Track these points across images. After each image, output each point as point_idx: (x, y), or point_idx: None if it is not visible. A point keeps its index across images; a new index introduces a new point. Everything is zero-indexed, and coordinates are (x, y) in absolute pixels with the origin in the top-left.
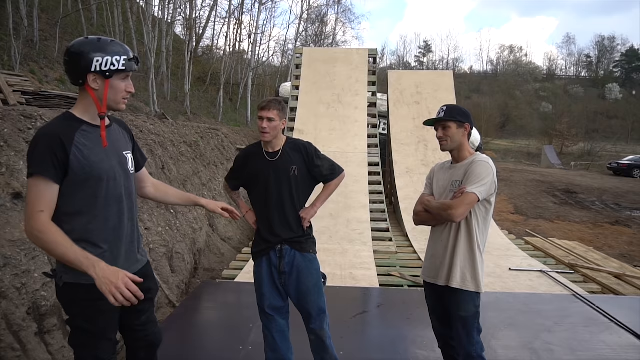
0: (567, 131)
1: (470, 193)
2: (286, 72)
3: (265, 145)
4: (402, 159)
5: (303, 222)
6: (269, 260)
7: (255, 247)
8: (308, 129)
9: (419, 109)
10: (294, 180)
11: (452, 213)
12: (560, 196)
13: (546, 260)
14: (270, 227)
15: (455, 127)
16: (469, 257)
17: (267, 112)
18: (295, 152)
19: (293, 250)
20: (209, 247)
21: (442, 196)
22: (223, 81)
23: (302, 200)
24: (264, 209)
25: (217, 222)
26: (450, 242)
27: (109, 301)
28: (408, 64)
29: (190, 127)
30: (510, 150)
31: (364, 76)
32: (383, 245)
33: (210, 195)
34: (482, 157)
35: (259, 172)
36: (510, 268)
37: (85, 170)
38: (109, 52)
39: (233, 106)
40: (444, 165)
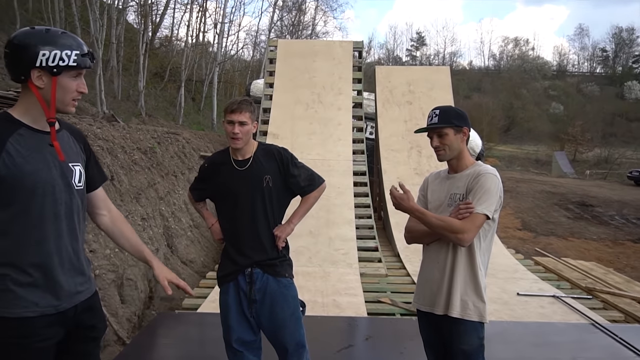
0: (581, 135)
1: (481, 214)
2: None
3: (234, 152)
4: (393, 167)
5: (277, 242)
6: (237, 286)
7: (221, 271)
8: (284, 133)
9: (411, 110)
10: (267, 192)
11: (463, 238)
12: (574, 210)
13: (559, 284)
14: (240, 247)
15: (453, 133)
16: (470, 281)
17: (238, 114)
18: (269, 159)
19: (265, 274)
20: None
21: (438, 211)
22: (184, 77)
23: (277, 216)
24: (233, 225)
25: (176, 241)
26: (448, 263)
27: (41, 339)
28: (399, 58)
29: (145, 131)
30: (516, 157)
31: (348, 72)
32: (371, 267)
33: (169, 211)
34: (487, 168)
35: (226, 183)
36: (519, 293)
37: (14, 180)
38: (59, 45)
39: (196, 107)
40: (439, 174)
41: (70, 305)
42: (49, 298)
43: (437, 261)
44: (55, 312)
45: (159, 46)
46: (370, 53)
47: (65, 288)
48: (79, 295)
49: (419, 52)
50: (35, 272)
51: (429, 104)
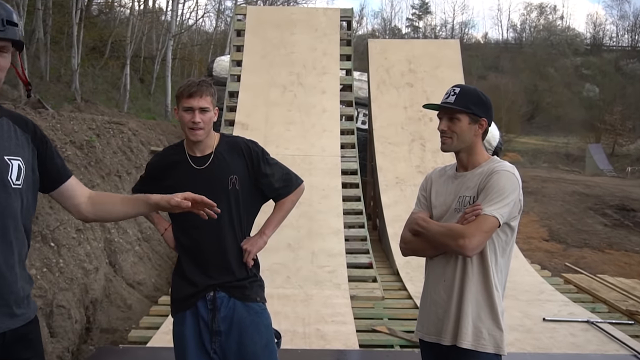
0: (621, 124)
1: (489, 216)
2: (222, 42)
3: (191, 147)
4: (390, 164)
5: (246, 258)
6: (196, 314)
7: (176, 295)
8: (255, 123)
9: (412, 94)
10: (233, 196)
11: (464, 244)
12: (613, 215)
13: (595, 307)
14: (199, 264)
15: (467, 121)
16: (484, 304)
17: (198, 99)
18: (234, 155)
19: (232, 299)
20: (109, 297)
21: (444, 216)
22: (130, 53)
23: (245, 226)
24: (190, 238)
25: (121, 259)
26: (457, 281)
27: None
28: (397, 30)
29: (81, 121)
30: (541, 151)
31: (334, 47)
32: (364, 288)
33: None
34: (504, 164)
35: (181, 185)
36: (545, 318)
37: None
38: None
39: (145, 90)
40: (445, 171)
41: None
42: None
43: (444, 279)
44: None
45: (98, 14)
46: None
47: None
48: (13, 320)
49: (422, 23)
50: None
51: (434, 85)
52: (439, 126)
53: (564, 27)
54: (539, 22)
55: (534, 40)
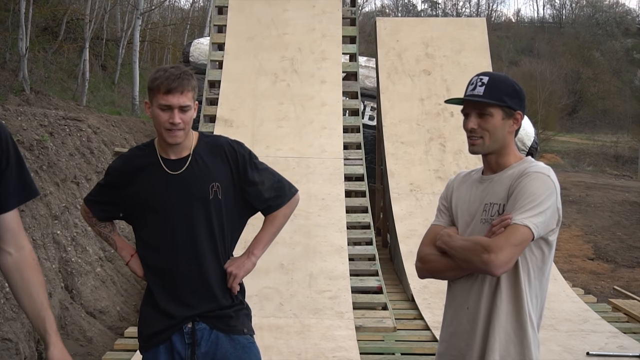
0: None
1: (520, 226)
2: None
3: (164, 148)
4: (403, 168)
5: (231, 282)
6: (172, 349)
7: (146, 328)
8: (240, 119)
9: (430, 84)
10: (214, 207)
11: (489, 260)
12: None
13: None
14: (174, 292)
15: (501, 116)
16: (514, 337)
17: (178, 96)
18: (216, 158)
19: (214, 330)
20: (65, 329)
21: (469, 228)
22: (89, 35)
23: (229, 244)
24: (162, 258)
25: (79, 282)
26: (483, 308)
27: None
28: (412, 6)
29: (31, 116)
30: (585, 152)
31: (335, 28)
32: (372, 317)
33: (68, 236)
34: (538, 165)
35: (151, 194)
36: (589, 352)
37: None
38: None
39: (108, 78)
40: (470, 176)
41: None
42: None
43: (467, 306)
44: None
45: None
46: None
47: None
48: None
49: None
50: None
51: (455, 73)
52: (465, 124)
53: (611, 3)
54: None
55: (576, 19)
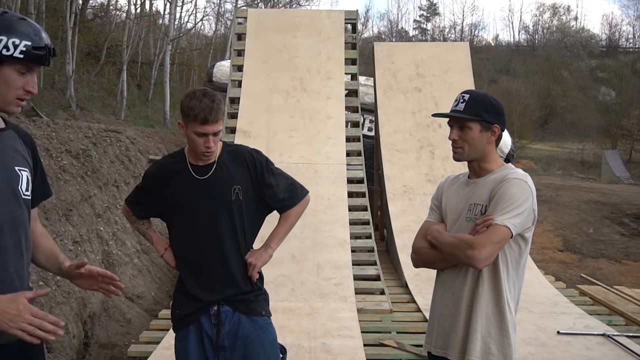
0: (638, 129)
1: (501, 226)
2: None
3: (193, 156)
4: (398, 172)
5: (251, 272)
6: (200, 329)
7: (178, 311)
8: (257, 130)
9: (420, 99)
10: (236, 207)
11: (473, 255)
12: (630, 224)
13: (611, 319)
14: (201, 278)
15: (479, 129)
16: (494, 319)
17: (213, 125)
18: (237, 164)
19: (237, 313)
20: (108, 311)
21: (456, 225)
22: (127, 58)
23: (249, 238)
24: (192, 251)
25: (119, 271)
26: (466, 294)
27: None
28: (404, 32)
29: (77, 129)
30: (556, 158)
31: (339, 51)
32: (372, 301)
33: (110, 232)
34: (517, 172)
35: (182, 196)
36: (560, 331)
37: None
38: (9, 32)
39: (143, 96)
40: (458, 179)
41: (3, 342)
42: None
43: (452, 292)
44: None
45: (93, 18)
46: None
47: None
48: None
49: (430, 25)
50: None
51: (443, 90)
52: (449, 135)
53: (578, 29)
54: (552, 23)
55: (547, 42)
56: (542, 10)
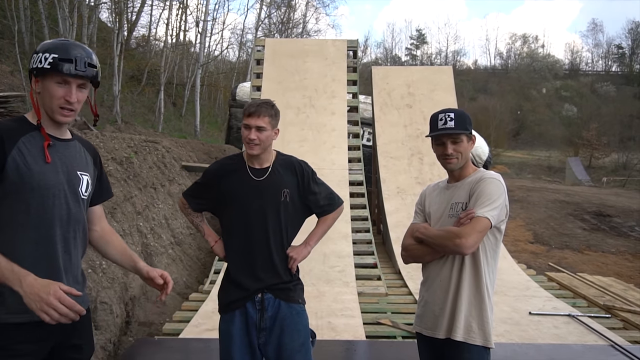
0: (597, 139)
1: (482, 217)
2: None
3: (251, 159)
4: (392, 176)
5: (291, 264)
6: (246, 314)
7: (226, 297)
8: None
9: (411, 114)
10: (283, 207)
11: (461, 243)
12: (591, 220)
13: (575, 302)
14: (249, 268)
15: (466, 140)
16: (474, 302)
17: (256, 119)
18: (288, 172)
19: (277, 300)
20: (146, 295)
21: (439, 222)
22: (164, 81)
23: (292, 235)
24: (242, 243)
25: (156, 260)
26: (452, 282)
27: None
28: (397, 58)
29: (121, 140)
30: (526, 164)
31: (342, 74)
32: (370, 285)
33: (148, 227)
34: (491, 173)
35: (238, 193)
36: (531, 312)
37: (22, 177)
38: (48, 49)
39: (177, 112)
40: (438, 186)
41: None
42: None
43: (439, 279)
44: (39, 320)
45: (136, 47)
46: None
47: None
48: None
49: (419, 51)
50: (34, 271)
51: (430, 107)
52: (441, 150)
53: (545, 55)
54: (523, 50)
55: (519, 66)
56: (514, 39)
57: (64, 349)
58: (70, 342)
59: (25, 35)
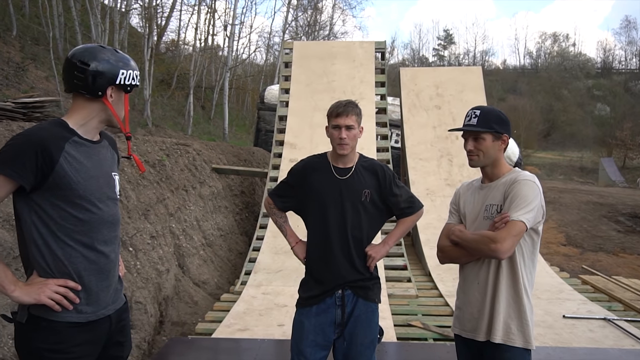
0: (631, 139)
1: (517, 221)
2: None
3: (335, 159)
4: (421, 178)
5: (370, 263)
6: (325, 309)
7: (306, 291)
8: (301, 142)
9: (440, 115)
10: (363, 206)
11: (496, 248)
12: (625, 222)
13: (611, 305)
14: (330, 264)
15: (491, 139)
16: (513, 304)
17: (345, 118)
18: (370, 173)
19: (356, 297)
20: (179, 295)
21: (474, 224)
22: (193, 84)
23: (371, 235)
24: (323, 239)
25: (188, 261)
26: (490, 284)
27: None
28: (425, 59)
29: (154, 143)
30: (557, 165)
31: (370, 76)
32: (400, 287)
33: (180, 228)
34: (525, 174)
35: (323, 190)
36: (565, 315)
37: (71, 185)
38: (131, 67)
39: (206, 115)
40: (472, 185)
41: (108, 313)
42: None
43: (477, 281)
44: (94, 320)
45: (165, 51)
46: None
47: (114, 293)
48: (119, 302)
49: (446, 52)
50: (90, 275)
51: (459, 107)
52: (465, 146)
53: (576, 53)
54: (553, 49)
55: (549, 66)
56: (544, 38)
57: (108, 346)
58: (114, 339)
59: (60, 41)
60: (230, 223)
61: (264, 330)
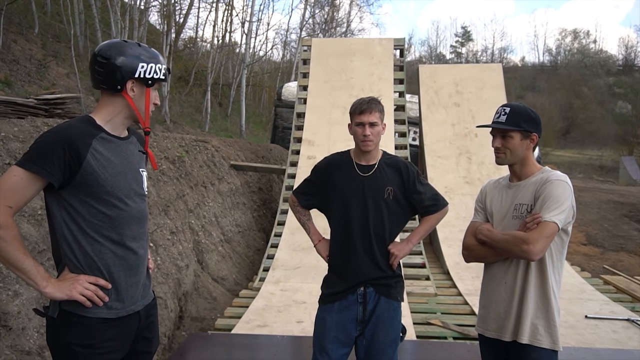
0: None
1: (550, 222)
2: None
3: (358, 156)
4: (439, 175)
5: (392, 260)
6: (347, 306)
7: (329, 288)
8: (319, 140)
9: (459, 113)
10: (386, 204)
11: (529, 249)
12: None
13: (634, 306)
14: (353, 261)
15: (520, 137)
16: (541, 304)
17: (368, 115)
18: (393, 170)
19: (378, 294)
20: (198, 290)
21: (502, 224)
22: (210, 81)
23: (394, 232)
24: (345, 236)
25: (207, 257)
26: (518, 284)
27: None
28: (442, 56)
29: (173, 139)
30: (577, 163)
31: (388, 73)
32: (418, 285)
33: (199, 224)
34: (557, 174)
35: (346, 187)
36: (587, 316)
37: (99, 181)
38: (153, 59)
39: (223, 112)
40: (499, 183)
41: (137, 309)
42: (123, 300)
43: (505, 281)
44: (124, 316)
45: (183, 48)
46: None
47: (143, 289)
48: (148, 298)
49: (464, 49)
50: (119, 272)
51: (479, 105)
52: (492, 143)
53: (596, 50)
54: (573, 46)
55: (569, 63)
56: (564, 35)
57: (136, 341)
58: (142, 335)
59: (80, 38)
60: (248, 219)
61: (283, 327)
